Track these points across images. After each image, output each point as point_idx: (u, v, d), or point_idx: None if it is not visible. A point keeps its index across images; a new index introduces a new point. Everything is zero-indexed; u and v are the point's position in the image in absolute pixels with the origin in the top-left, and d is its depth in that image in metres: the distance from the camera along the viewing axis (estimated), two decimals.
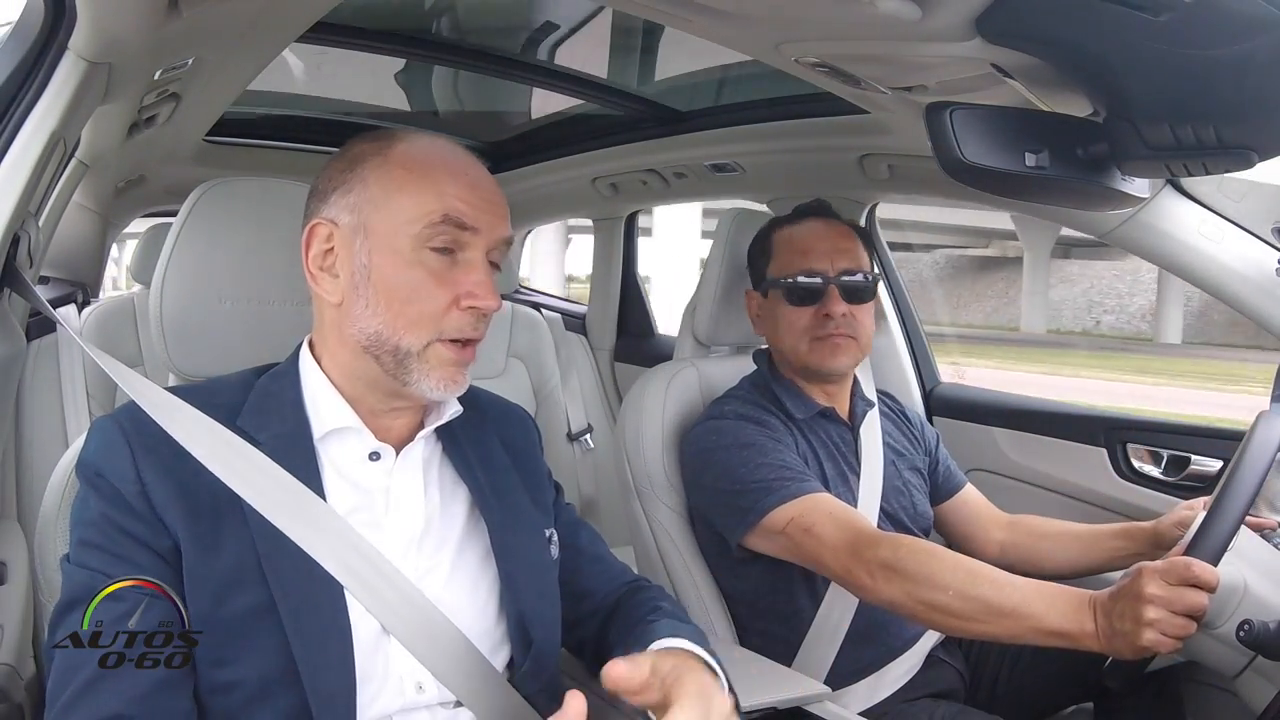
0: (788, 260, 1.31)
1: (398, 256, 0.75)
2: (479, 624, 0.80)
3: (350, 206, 0.77)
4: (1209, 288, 1.28)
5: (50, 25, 0.88)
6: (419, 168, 0.76)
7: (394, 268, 0.75)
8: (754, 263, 1.39)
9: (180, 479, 0.71)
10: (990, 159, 0.83)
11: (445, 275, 0.76)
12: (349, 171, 0.78)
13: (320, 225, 0.78)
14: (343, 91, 2.29)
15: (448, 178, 0.76)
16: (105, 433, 0.74)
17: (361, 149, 0.79)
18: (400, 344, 0.75)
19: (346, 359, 0.79)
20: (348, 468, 0.79)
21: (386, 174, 0.76)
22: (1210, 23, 0.68)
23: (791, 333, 1.30)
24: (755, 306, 1.38)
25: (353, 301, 0.77)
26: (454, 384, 0.78)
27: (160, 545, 0.70)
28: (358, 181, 0.77)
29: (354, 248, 0.76)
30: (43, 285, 2.04)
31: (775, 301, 1.32)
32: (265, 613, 0.69)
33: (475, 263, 0.77)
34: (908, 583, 1.01)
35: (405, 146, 0.78)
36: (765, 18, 0.99)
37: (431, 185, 0.76)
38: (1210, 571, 0.86)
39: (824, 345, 1.28)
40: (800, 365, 1.31)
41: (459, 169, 0.78)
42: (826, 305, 1.27)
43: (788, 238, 1.34)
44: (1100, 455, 1.55)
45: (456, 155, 0.79)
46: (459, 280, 0.76)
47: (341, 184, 0.78)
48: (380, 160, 0.77)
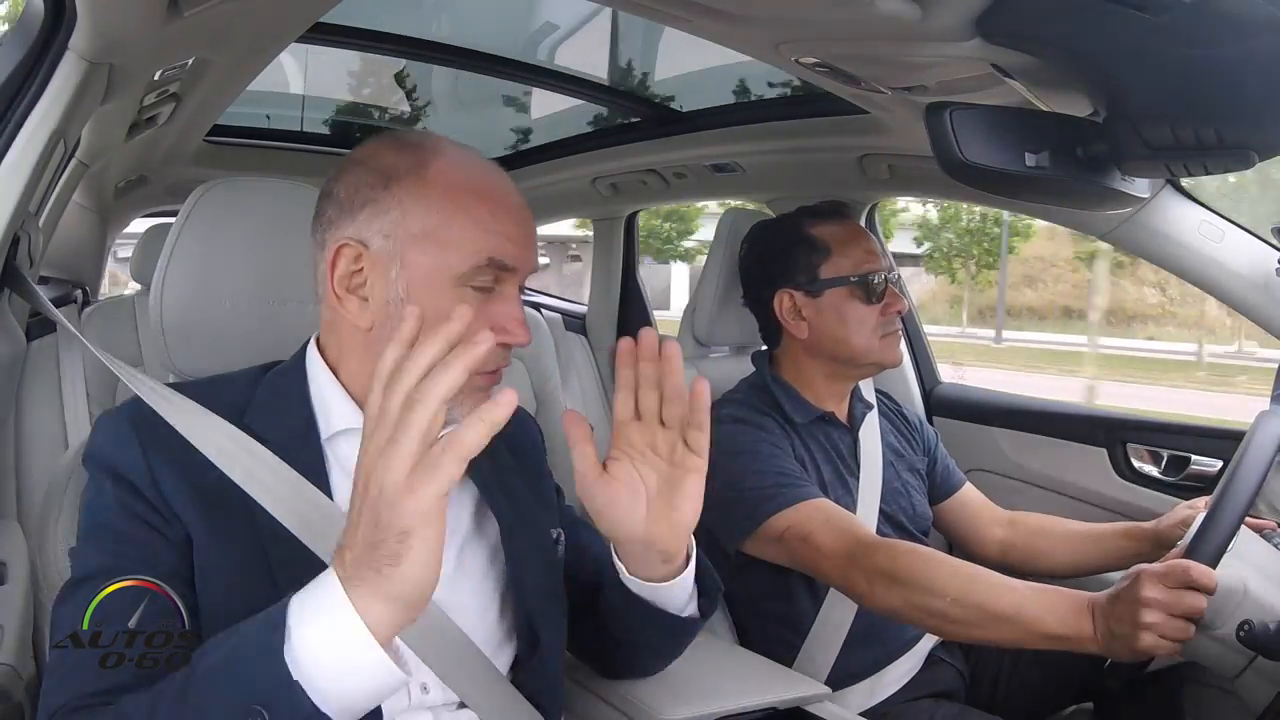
0: (858, 258, 1.30)
1: (439, 293, 0.72)
2: (483, 624, 0.80)
3: (384, 231, 0.73)
4: (1209, 288, 1.28)
5: (50, 25, 0.88)
6: (461, 197, 0.73)
7: (434, 303, 0.70)
8: (787, 261, 1.33)
9: (189, 473, 0.71)
10: (990, 159, 0.83)
11: (481, 310, 0.73)
12: (382, 189, 0.73)
13: (348, 246, 0.74)
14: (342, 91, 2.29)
15: (491, 213, 0.74)
16: (114, 426, 0.73)
17: (393, 163, 0.74)
18: None
19: (362, 372, 0.77)
20: (355, 467, 0.79)
21: (426, 202, 0.73)
22: (1210, 23, 0.68)
23: (863, 330, 1.29)
24: (791, 305, 1.32)
25: (384, 330, 0.74)
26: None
27: (173, 535, 0.70)
28: (394, 204, 0.73)
29: (389, 276, 0.73)
30: (43, 285, 2.03)
31: (839, 300, 1.29)
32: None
33: (509, 296, 0.76)
34: (906, 590, 1.02)
35: (441, 166, 0.74)
36: (765, 18, 0.99)
37: (476, 223, 0.73)
38: (1208, 575, 0.86)
39: (892, 340, 1.31)
40: (870, 362, 1.31)
41: (502, 200, 0.75)
42: (893, 303, 1.30)
43: (843, 235, 1.32)
44: (1100, 455, 1.55)
45: (496, 182, 0.77)
46: (494, 314, 0.74)
47: (372, 201, 0.73)
48: (417, 181, 0.73)
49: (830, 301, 1.30)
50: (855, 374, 1.35)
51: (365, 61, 2.23)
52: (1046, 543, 1.36)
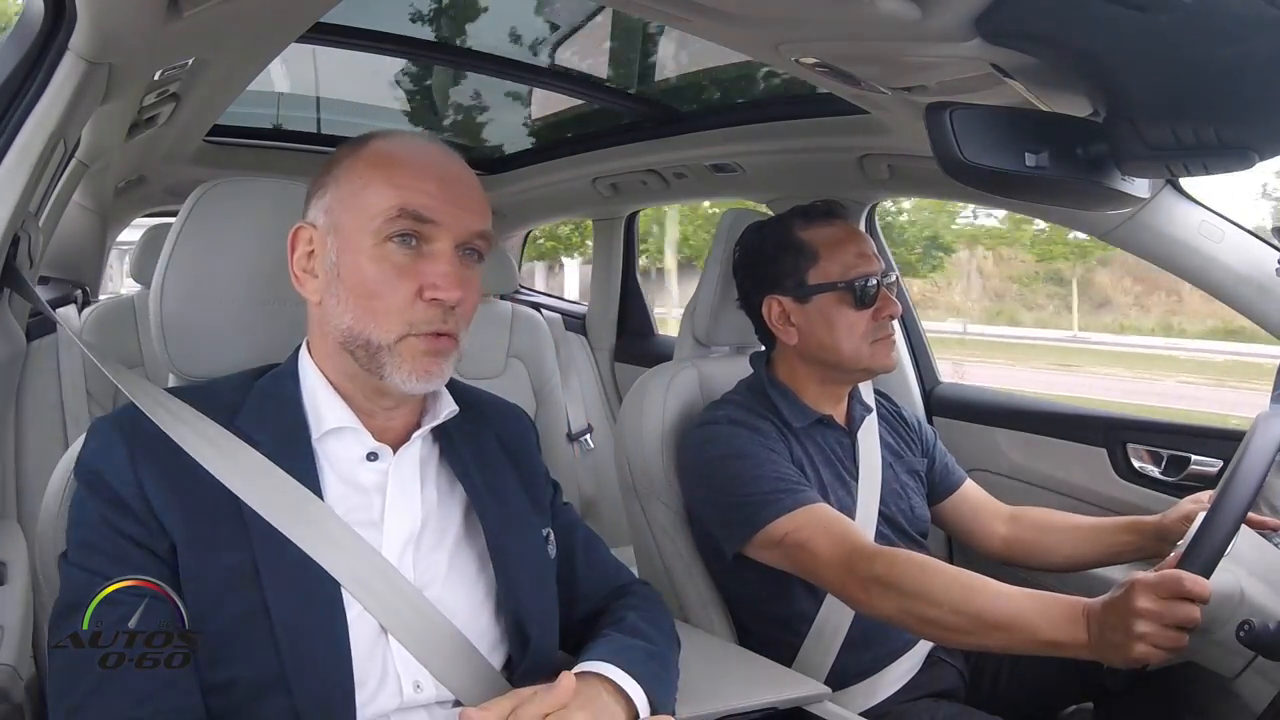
0: (847, 262, 1.27)
1: (361, 252, 0.76)
2: (476, 623, 0.80)
3: (325, 208, 0.79)
4: (1209, 288, 1.28)
5: (50, 25, 0.88)
6: (384, 164, 0.77)
7: (358, 263, 0.76)
8: (775, 266, 1.31)
9: (178, 481, 0.71)
10: (990, 159, 0.83)
11: (408, 268, 0.76)
12: (326, 175, 0.80)
13: (303, 229, 0.80)
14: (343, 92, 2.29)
15: (409, 172, 0.76)
16: (103, 434, 0.74)
17: (340, 152, 0.81)
18: (371, 338, 0.76)
19: (331, 356, 0.80)
20: (345, 468, 0.79)
21: (355, 173, 0.78)
22: (1210, 23, 0.68)
23: (852, 336, 1.27)
24: (780, 311, 1.30)
25: (328, 300, 0.78)
26: (427, 374, 0.77)
27: (158, 546, 0.70)
28: (331, 183, 0.79)
29: (327, 247, 0.78)
30: (43, 285, 2.03)
31: (827, 306, 1.27)
32: (260, 616, 0.69)
33: (439, 254, 0.76)
34: (902, 598, 1.02)
35: (377, 144, 0.79)
36: (765, 18, 0.99)
37: (391, 180, 0.76)
38: (1201, 584, 0.86)
39: (883, 346, 1.28)
40: (860, 368, 1.29)
41: (424, 163, 0.78)
42: (886, 307, 1.28)
43: (832, 239, 1.30)
44: (1100, 455, 1.55)
45: (425, 151, 0.79)
46: (422, 271, 0.76)
47: (320, 187, 0.80)
48: (352, 160, 0.79)
49: (818, 307, 1.28)
50: (848, 379, 1.34)
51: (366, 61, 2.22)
52: (1049, 537, 1.36)
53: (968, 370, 5.29)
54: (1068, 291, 14.32)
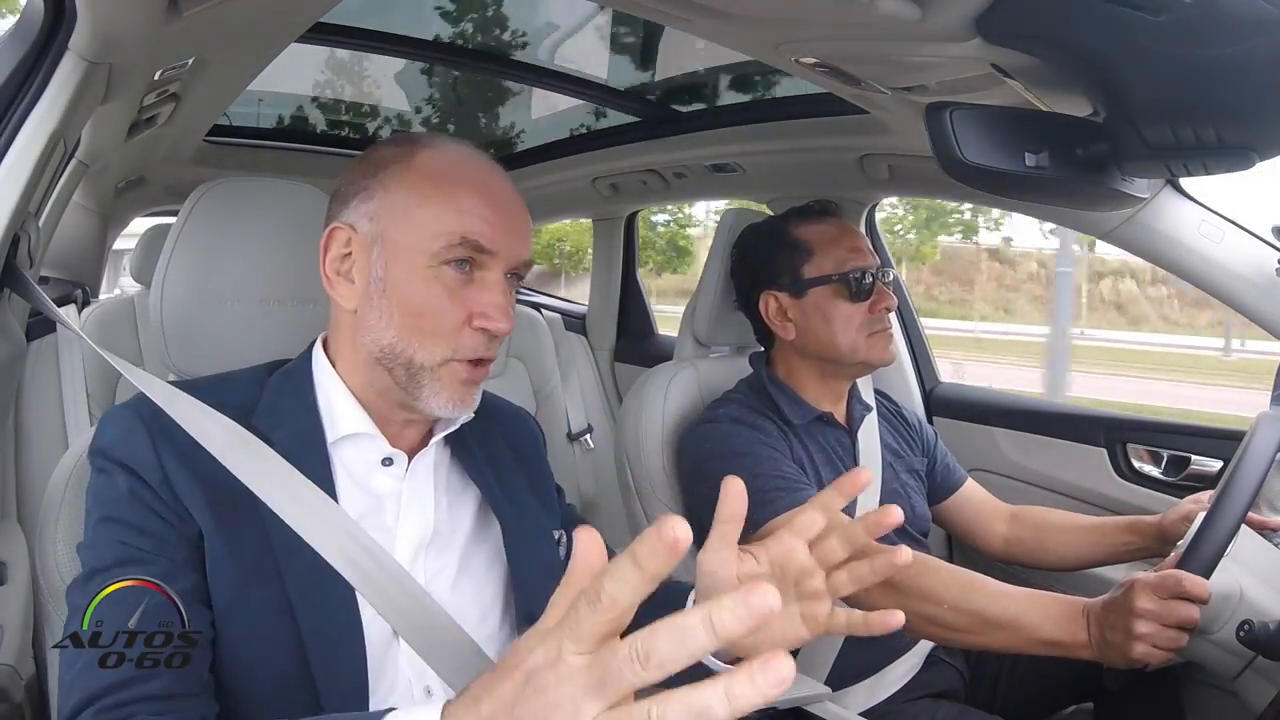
0: (840, 256, 1.29)
1: (414, 271, 0.74)
2: (484, 627, 0.80)
3: (370, 214, 0.76)
4: (1209, 288, 1.28)
5: (50, 25, 0.88)
6: (441, 181, 0.75)
7: (409, 282, 0.74)
8: (770, 263, 1.33)
9: (199, 469, 0.71)
10: (990, 159, 0.83)
11: (460, 293, 0.74)
12: (371, 178, 0.76)
13: (339, 229, 0.77)
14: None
15: (469, 195, 0.75)
16: (123, 419, 0.73)
17: (384, 154, 0.78)
18: (414, 358, 0.74)
19: (359, 366, 0.78)
20: (360, 473, 0.79)
21: (408, 185, 0.75)
22: (1210, 23, 0.68)
23: (848, 329, 1.28)
24: (777, 307, 1.32)
25: (367, 311, 0.76)
26: (463, 404, 0.77)
27: (186, 530, 0.69)
28: (379, 189, 0.76)
29: (371, 256, 0.75)
30: (42, 285, 2.03)
31: (822, 299, 1.29)
32: (282, 610, 0.69)
33: (491, 283, 0.75)
34: (902, 597, 1.01)
35: (428, 155, 0.76)
36: (765, 18, 0.99)
37: (452, 202, 0.74)
38: (1201, 585, 0.87)
39: (880, 339, 1.29)
40: (858, 361, 1.30)
41: (481, 186, 0.76)
42: (881, 300, 1.29)
43: (826, 235, 1.31)
44: (1100, 455, 1.55)
45: (480, 169, 0.78)
46: (474, 299, 0.75)
47: (363, 189, 0.77)
48: (402, 168, 0.76)
49: (814, 301, 1.29)
50: (846, 373, 1.34)
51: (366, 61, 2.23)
52: (1050, 537, 1.36)
53: None
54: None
